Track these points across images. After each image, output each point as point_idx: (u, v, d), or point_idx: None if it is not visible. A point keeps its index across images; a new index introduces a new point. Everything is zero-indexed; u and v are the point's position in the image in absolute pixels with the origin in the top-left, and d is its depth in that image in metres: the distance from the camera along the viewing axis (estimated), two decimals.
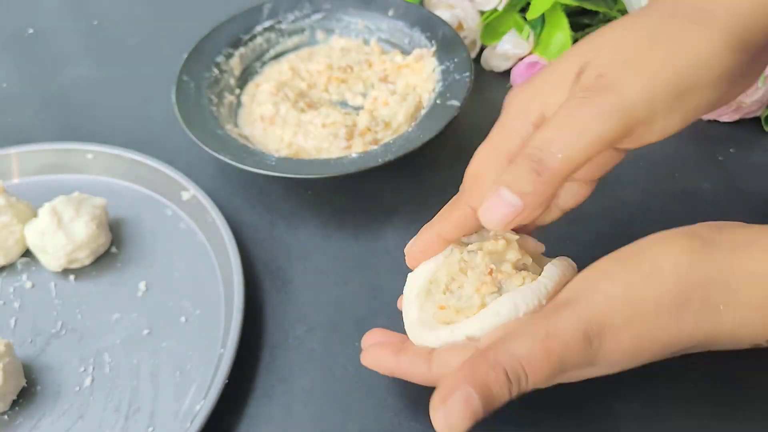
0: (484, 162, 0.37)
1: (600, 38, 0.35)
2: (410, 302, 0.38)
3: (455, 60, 0.56)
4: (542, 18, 0.58)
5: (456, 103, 0.53)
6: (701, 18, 0.33)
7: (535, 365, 0.30)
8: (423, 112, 0.55)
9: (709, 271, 0.31)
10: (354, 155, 0.50)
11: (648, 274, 0.31)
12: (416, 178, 0.39)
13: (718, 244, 0.32)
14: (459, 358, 0.33)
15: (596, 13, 0.59)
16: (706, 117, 0.55)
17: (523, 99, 0.36)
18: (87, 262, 0.50)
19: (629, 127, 0.32)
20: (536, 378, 0.30)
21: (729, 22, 0.32)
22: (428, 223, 0.38)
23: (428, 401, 0.41)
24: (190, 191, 0.51)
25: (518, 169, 0.33)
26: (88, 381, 0.44)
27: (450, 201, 0.38)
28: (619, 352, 0.31)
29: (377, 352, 0.38)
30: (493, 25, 0.61)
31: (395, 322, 0.39)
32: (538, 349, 0.30)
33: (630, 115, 0.32)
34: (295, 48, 0.64)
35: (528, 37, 0.59)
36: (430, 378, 0.35)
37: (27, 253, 0.51)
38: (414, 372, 0.36)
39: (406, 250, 0.39)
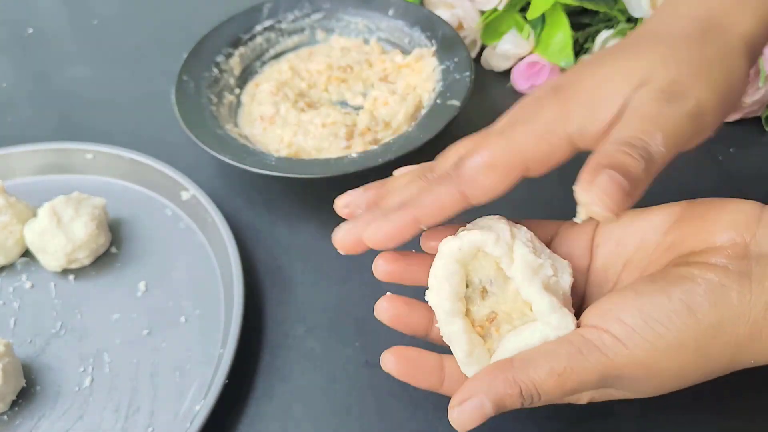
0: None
1: (632, 62, 0.34)
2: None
3: (455, 60, 0.56)
4: (543, 18, 0.58)
5: (456, 102, 0.53)
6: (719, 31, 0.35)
7: (549, 392, 0.31)
8: (423, 111, 0.55)
9: (747, 310, 0.31)
10: (354, 155, 0.50)
11: (679, 327, 0.31)
12: None
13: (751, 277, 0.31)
14: None
15: (596, 12, 0.59)
16: None
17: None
18: (86, 262, 0.50)
19: (700, 132, 0.33)
20: (548, 399, 0.32)
21: (741, 34, 0.35)
22: (400, 206, 0.34)
23: (427, 402, 0.41)
24: (190, 191, 0.51)
25: (625, 153, 0.30)
26: (87, 381, 0.44)
27: (424, 179, 0.35)
28: (638, 393, 0.33)
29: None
30: (493, 25, 0.61)
31: None
32: (554, 381, 0.31)
33: (702, 120, 0.33)
34: (295, 47, 0.64)
35: (528, 36, 0.59)
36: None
37: (26, 253, 0.51)
38: None
39: (364, 237, 0.35)
